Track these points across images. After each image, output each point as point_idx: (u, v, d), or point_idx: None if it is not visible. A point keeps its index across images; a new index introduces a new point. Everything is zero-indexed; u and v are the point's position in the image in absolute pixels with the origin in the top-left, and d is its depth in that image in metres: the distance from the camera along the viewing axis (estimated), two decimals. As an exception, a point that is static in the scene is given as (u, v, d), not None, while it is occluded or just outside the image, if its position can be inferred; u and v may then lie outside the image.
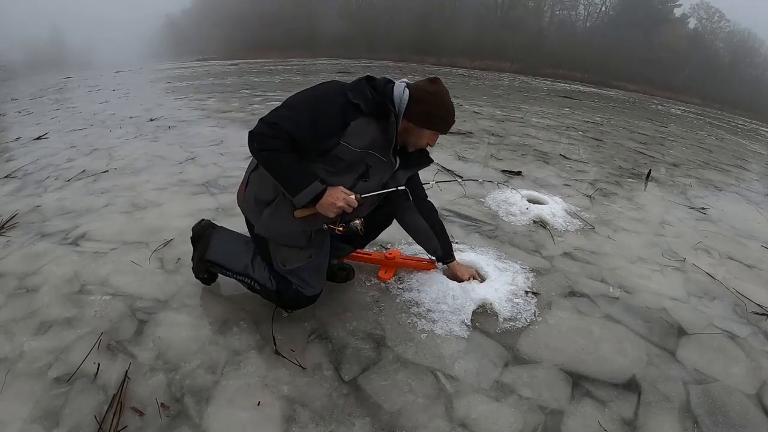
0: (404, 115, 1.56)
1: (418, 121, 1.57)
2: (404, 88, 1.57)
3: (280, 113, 1.48)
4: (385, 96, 1.55)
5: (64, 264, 2.21)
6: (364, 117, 1.49)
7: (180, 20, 42.13)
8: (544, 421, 1.45)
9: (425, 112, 1.56)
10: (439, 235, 2.02)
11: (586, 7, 36.29)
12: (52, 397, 1.45)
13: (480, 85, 15.04)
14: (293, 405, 1.45)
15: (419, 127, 1.59)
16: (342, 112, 1.48)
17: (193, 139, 4.84)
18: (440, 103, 1.57)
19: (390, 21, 33.71)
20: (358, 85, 1.54)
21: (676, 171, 5.15)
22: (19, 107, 8.00)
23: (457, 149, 4.88)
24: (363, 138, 1.51)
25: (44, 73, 17.49)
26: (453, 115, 1.62)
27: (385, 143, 1.56)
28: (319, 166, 1.53)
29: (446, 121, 1.61)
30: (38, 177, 3.60)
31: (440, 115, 1.59)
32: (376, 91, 1.54)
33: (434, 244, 2.03)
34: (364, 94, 1.51)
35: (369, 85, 1.55)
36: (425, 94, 1.56)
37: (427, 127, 1.59)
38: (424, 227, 1.99)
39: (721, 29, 36.88)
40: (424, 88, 1.57)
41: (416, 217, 1.97)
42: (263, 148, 1.47)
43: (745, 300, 2.26)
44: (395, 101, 1.55)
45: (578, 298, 2.14)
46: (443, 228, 2.05)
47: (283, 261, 1.69)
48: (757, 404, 1.59)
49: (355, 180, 1.59)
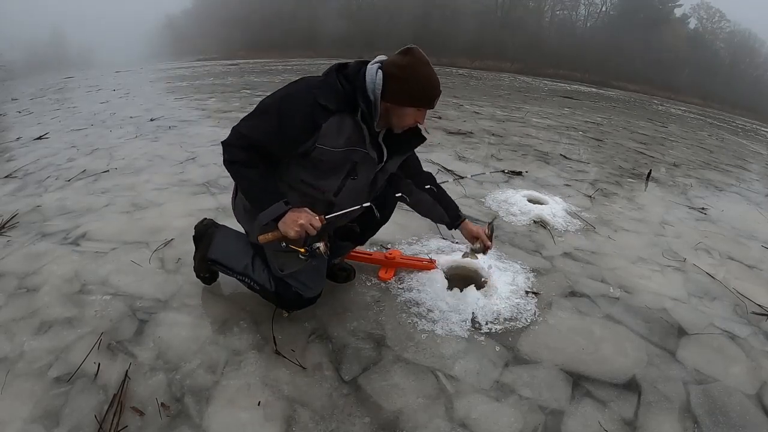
0: (382, 98, 1.44)
1: (397, 100, 1.44)
2: (377, 70, 1.44)
3: (249, 122, 1.46)
4: (356, 85, 1.43)
5: (64, 264, 2.22)
6: (335, 116, 1.42)
7: (180, 20, 42.16)
8: (545, 421, 1.45)
9: (401, 89, 1.42)
10: (441, 200, 1.88)
11: (587, 8, 36.33)
12: (52, 397, 1.45)
13: (480, 85, 15.04)
14: (293, 405, 1.45)
15: (400, 107, 1.46)
16: (311, 116, 1.40)
17: (194, 139, 4.84)
18: (417, 75, 1.42)
19: (390, 21, 33.70)
20: (327, 80, 1.45)
21: (677, 171, 5.15)
22: (20, 107, 8.01)
23: (457, 149, 4.88)
24: (339, 137, 1.44)
25: (45, 73, 17.51)
26: (435, 85, 1.45)
27: (360, 138, 1.48)
28: (302, 170, 1.51)
29: (427, 95, 1.46)
30: (39, 177, 3.60)
31: (419, 89, 1.43)
32: (348, 81, 1.44)
33: (438, 212, 1.89)
34: (334, 90, 1.42)
35: (340, 75, 1.45)
36: (398, 69, 1.41)
37: (408, 105, 1.46)
38: (425, 199, 1.86)
39: (721, 29, 36.90)
40: (396, 63, 1.43)
41: (416, 192, 1.85)
42: (233, 160, 1.47)
43: (746, 300, 2.26)
44: (368, 87, 1.44)
45: (578, 298, 2.14)
46: (444, 193, 1.91)
47: (280, 266, 1.68)
48: (757, 404, 1.59)
49: (342, 180, 1.54)
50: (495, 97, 11.45)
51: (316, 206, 1.56)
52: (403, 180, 1.82)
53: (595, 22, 36.18)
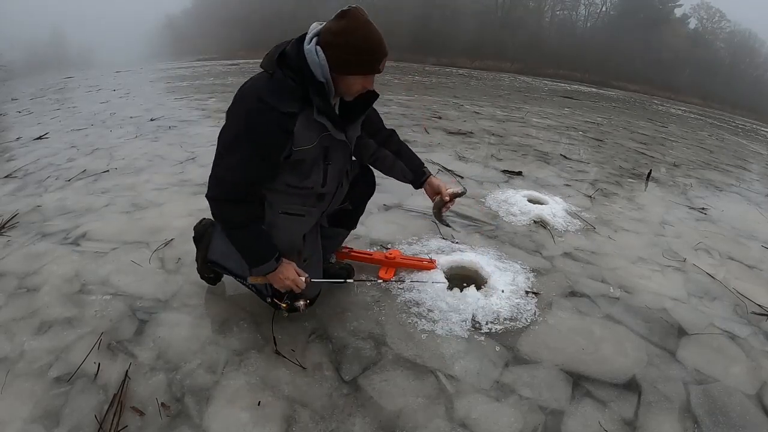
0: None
1: (339, 70, 1.35)
2: (315, 47, 1.34)
3: (223, 164, 1.41)
4: (305, 74, 1.35)
5: (64, 264, 2.22)
6: (300, 115, 1.37)
7: (180, 20, 42.19)
8: (545, 421, 1.45)
9: (341, 58, 1.33)
10: (402, 155, 1.78)
11: (587, 8, 36.33)
12: (52, 397, 1.45)
13: (480, 85, 15.04)
14: (293, 405, 1.45)
15: (344, 76, 1.38)
16: (280, 128, 1.36)
17: (194, 138, 4.84)
18: (354, 41, 1.31)
19: (390, 21, 33.67)
20: (275, 81, 1.36)
21: (677, 171, 5.15)
22: (20, 107, 8.01)
23: (457, 149, 4.88)
24: (310, 133, 1.42)
25: (45, 73, 17.52)
26: (376, 48, 1.34)
27: (328, 124, 1.43)
28: (286, 175, 1.51)
29: (366, 60, 1.35)
30: (39, 177, 3.60)
31: (357, 55, 1.33)
32: (294, 71, 1.35)
33: (400, 168, 1.79)
34: (288, 90, 1.35)
35: (285, 69, 1.36)
36: (334, 36, 1.32)
37: (350, 74, 1.37)
38: (385, 155, 1.78)
39: (721, 29, 36.90)
40: (331, 30, 1.33)
41: (378, 150, 1.78)
42: (223, 217, 1.51)
43: (746, 300, 2.26)
44: (315, 71, 1.35)
45: (579, 298, 2.14)
46: (407, 149, 1.81)
47: None
48: (757, 404, 1.59)
49: (323, 168, 1.53)
50: (495, 97, 11.45)
51: (307, 202, 1.60)
52: (364, 140, 1.74)
53: (595, 22, 36.20)
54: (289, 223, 1.62)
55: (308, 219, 1.66)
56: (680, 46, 32.90)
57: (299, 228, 1.66)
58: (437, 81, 14.83)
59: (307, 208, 1.63)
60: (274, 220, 1.59)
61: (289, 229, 1.63)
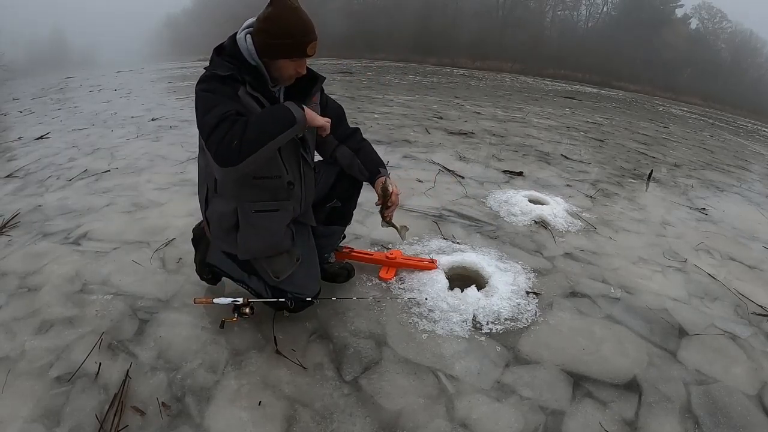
0: (258, 56, 1.43)
1: (268, 54, 1.41)
2: (245, 35, 1.42)
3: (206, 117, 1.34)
4: (238, 58, 1.42)
5: (65, 263, 2.22)
6: (241, 89, 1.40)
7: (181, 20, 42.23)
8: (545, 421, 1.45)
9: (268, 43, 1.38)
10: (359, 152, 1.77)
11: (588, 8, 36.23)
12: (53, 397, 1.45)
13: (481, 86, 15.03)
14: (294, 405, 1.46)
15: (272, 60, 1.42)
16: (226, 84, 1.38)
17: (195, 138, 4.78)
18: (278, 26, 1.36)
19: (391, 21, 33.67)
20: (215, 64, 1.43)
21: (678, 172, 5.14)
22: (21, 107, 8.02)
23: (458, 149, 4.88)
24: (252, 103, 1.41)
25: (46, 72, 17.54)
26: (303, 31, 1.37)
27: (261, 106, 1.43)
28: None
29: (290, 43, 1.38)
30: (40, 176, 3.60)
31: (281, 38, 1.37)
32: (229, 56, 1.42)
33: (357, 166, 1.77)
34: (226, 68, 1.40)
35: (222, 57, 1.43)
36: (261, 22, 1.38)
37: (278, 57, 1.41)
38: (344, 153, 1.78)
39: (722, 30, 36.80)
40: (259, 18, 1.39)
41: (338, 147, 1.78)
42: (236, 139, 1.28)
43: (746, 301, 2.26)
44: (245, 56, 1.42)
45: (579, 299, 2.14)
46: (367, 147, 1.80)
47: (275, 273, 1.65)
48: (758, 405, 1.59)
49: (279, 155, 1.50)
50: (496, 97, 11.44)
51: (278, 195, 1.57)
52: (332, 142, 1.76)
53: (596, 23, 36.13)
54: (265, 221, 1.58)
55: (283, 213, 1.61)
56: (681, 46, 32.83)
57: (277, 225, 1.60)
58: (438, 81, 14.82)
59: (279, 202, 1.59)
60: (250, 222, 1.56)
61: (268, 229, 1.59)
